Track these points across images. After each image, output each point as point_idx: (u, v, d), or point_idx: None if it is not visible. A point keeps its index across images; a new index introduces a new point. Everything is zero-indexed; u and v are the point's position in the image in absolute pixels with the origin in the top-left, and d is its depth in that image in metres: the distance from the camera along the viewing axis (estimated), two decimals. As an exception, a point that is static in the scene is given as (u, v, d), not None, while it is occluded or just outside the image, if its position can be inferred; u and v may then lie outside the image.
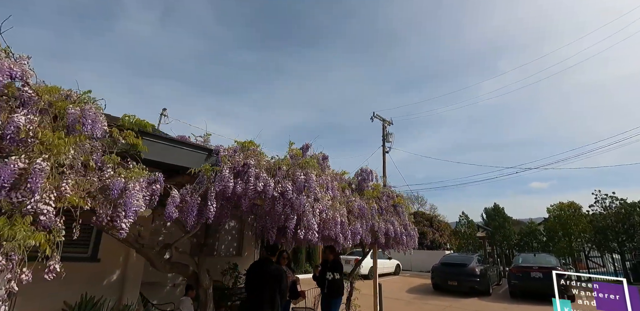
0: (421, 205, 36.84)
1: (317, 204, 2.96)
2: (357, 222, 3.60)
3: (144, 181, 2.30)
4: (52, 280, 3.89)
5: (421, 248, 17.73)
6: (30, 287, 3.65)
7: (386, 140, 25.37)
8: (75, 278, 3.97)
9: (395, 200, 5.33)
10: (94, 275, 4.16)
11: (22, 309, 3.55)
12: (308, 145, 3.88)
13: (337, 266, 5.02)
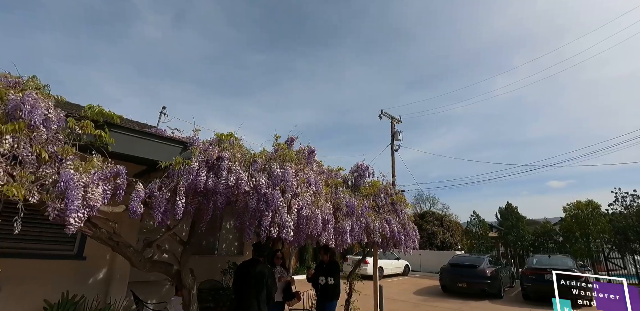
0: (433, 205, 36.16)
1: (295, 200, 2.75)
2: (345, 220, 3.35)
3: (97, 173, 2.12)
4: (37, 277, 3.84)
5: (431, 248, 17.27)
6: (14, 284, 3.63)
7: (395, 138, 24.94)
8: (60, 276, 3.90)
9: (393, 198, 5.05)
10: (80, 273, 4.08)
11: (6, 306, 3.49)
12: (293, 138, 3.67)
13: (333, 269, 4.71)
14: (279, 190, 2.65)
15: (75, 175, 1.97)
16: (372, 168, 5.18)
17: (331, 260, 4.86)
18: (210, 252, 7.68)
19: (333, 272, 4.64)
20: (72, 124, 2.46)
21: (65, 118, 2.53)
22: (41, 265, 3.85)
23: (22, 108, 1.83)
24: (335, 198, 3.48)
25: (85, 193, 2.24)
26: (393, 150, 24.68)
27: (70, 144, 2.53)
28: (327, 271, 4.68)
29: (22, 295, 3.57)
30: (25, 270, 3.74)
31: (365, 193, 4.82)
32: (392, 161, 24.13)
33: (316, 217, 2.79)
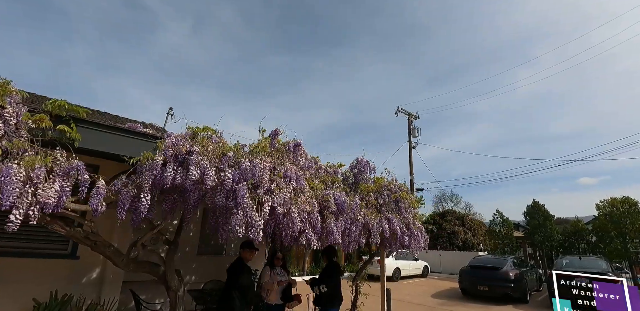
0: (455, 204, 34.84)
1: (269, 197, 2.50)
2: (332, 219, 3.07)
3: (41, 167, 1.99)
4: (31, 276, 3.82)
5: (452, 249, 16.51)
6: (8, 283, 3.64)
7: (412, 135, 24.16)
8: (53, 275, 3.89)
9: (396, 195, 4.69)
10: (73, 272, 4.06)
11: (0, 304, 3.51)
12: (277, 131, 3.44)
13: (327, 275, 4.33)
14: (249, 185, 2.42)
15: (15, 170, 1.83)
16: (372, 164, 4.86)
17: (328, 264, 4.51)
18: (219, 252, 7.60)
19: (326, 279, 4.25)
20: (26, 118, 2.36)
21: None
22: (35, 264, 3.85)
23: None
24: (323, 195, 3.19)
25: (35, 189, 2.15)
26: (410, 147, 23.92)
27: (35, 140, 2.46)
28: (326, 276, 4.36)
29: (15, 294, 3.57)
30: (19, 269, 3.75)
31: (365, 190, 4.51)
32: (409, 159, 23.39)
33: (291, 215, 2.53)
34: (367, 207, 4.34)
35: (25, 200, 2.10)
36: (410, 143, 24.04)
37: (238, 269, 3.64)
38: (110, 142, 2.84)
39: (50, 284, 3.72)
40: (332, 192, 3.29)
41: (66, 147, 2.57)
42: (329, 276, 4.37)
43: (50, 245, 4.06)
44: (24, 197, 2.10)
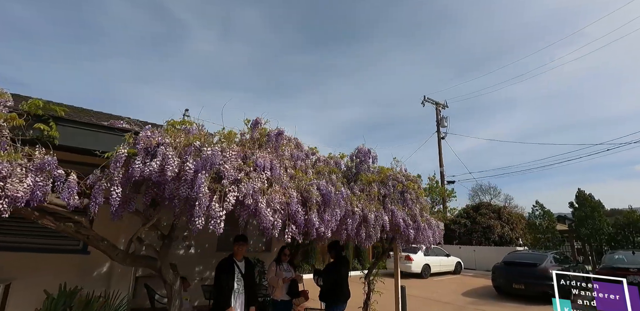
0: (494, 196, 32.74)
1: (233, 187, 2.35)
2: (314, 211, 2.86)
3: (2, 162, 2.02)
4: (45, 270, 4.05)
5: (487, 244, 15.46)
6: (24, 276, 3.89)
7: (441, 124, 23.07)
8: (66, 269, 4.11)
9: (400, 185, 4.36)
10: (84, 266, 4.26)
11: (17, 296, 3.75)
12: (258, 120, 3.28)
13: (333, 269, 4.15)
14: (211, 174, 2.29)
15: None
16: (374, 152, 4.56)
17: (334, 259, 4.32)
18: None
19: (325, 273, 4.12)
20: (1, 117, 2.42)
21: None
22: (49, 259, 4.09)
23: None
24: (306, 185, 2.99)
25: (4, 184, 2.20)
26: (439, 138, 22.81)
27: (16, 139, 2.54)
28: (323, 271, 4.20)
29: (31, 286, 3.80)
30: (35, 263, 4.00)
31: (366, 181, 4.23)
32: (439, 150, 22.31)
33: (258, 207, 2.37)
34: (368, 198, 4.08)
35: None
36: (439, 134, 22.93)
37: (220, 266, 3.55)
38: (87, 139, 2.87)
39: (63, 277, 3.91)
40: (316, 181, 3.07)
41: (46, 144, 2.64)
42: (329, 271, 4.20)
43: (64, 241, 4.29)
44: None
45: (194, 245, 7.55)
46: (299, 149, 4.18)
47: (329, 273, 4.13)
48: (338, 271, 4.20)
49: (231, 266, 3.66)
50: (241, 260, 3.88)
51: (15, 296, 3.73)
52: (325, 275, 4.05)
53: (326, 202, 3.04)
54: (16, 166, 2.34)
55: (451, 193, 18.29)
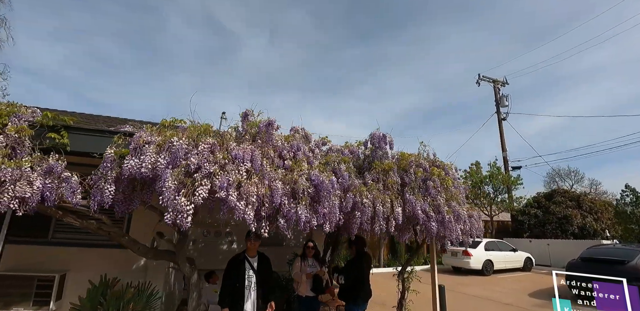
0: (576, 182, 28.31)
1: (206, 180, 2.26)
2: (301, 204, 2.63)
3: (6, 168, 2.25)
4: (92, 263, 4.54)
5: (565, 237, 13.37)
6: (76, 268, 4.42)
7: (500, 104, 20.61)
8: (108, 262, 4.56)
9: (419, 171, 3.88)
10: (124, 259, 4.67)
11: (69, 286, 4.30)
12: (247, 112, 3.16)
13: (354, 267, 3.89)
14: (180, 169, 2.23)
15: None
16: (389, 137, 4.13)
17: (355, 255, 4.06)
18: (279, 243, 7.86)
19: (347, 270, 3.84)
20: (11, 130, 2.70)
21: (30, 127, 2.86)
22: (96, 253, 4.59)
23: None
24: (298, 175, 2.78)
25: (14, 186, 2.45)
26: (500, 119, 20.36)
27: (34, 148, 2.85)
28: (344, 268, 3.93)
29: (81, 276, 4.30)
30: (84, 257, 4.52)
31: (380, 169, 3.86)
32: (500, 132, 19.94)
33: (229, 199, 2.23)
34: (384, 188, 3.70)
35: (6, 196, 2.44)
36: (499, 115, 20.48)
37: (228, 263, 3.53)
38: (93, 143, 3.08)
39: (105, 269, 4.35)
40: (307, 171, 2.83)
41: (59, 151, 2.90)
42: (350, 268, 3.92)
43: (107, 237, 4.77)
44: (5, 193, 2.46)
45: (236, 240, 7.91)
46: (305, 140, 3.99)
47: (350, 270, 3.87)
48: (360, 268, 3.92)
49: (241, 263, 3.64)
50: (254, 256, 3.85)
51: (70, 285, 4.27)
52: (347, 272, 3.81)
53: (319, 194, 2.79)
54: (24, 171, 2.60)
55: (516, 181, 16.22)
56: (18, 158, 2.73)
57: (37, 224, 4.53)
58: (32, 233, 4.47)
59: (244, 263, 3.65)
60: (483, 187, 16.12)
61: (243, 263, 3.63)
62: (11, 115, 2.94)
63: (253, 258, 3.84)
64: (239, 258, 3.70)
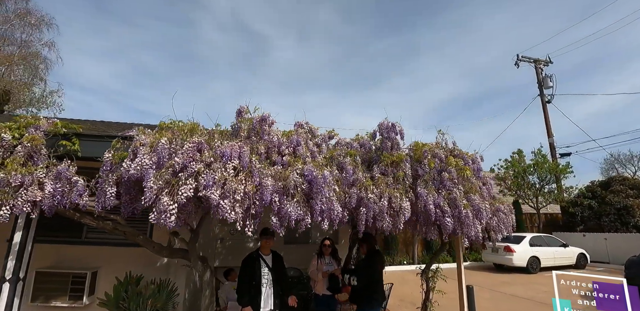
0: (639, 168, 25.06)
1: (192, 179, 2.22)
2: (291, 201, 2.50)
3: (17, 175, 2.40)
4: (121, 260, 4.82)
5: (625, 231, 11.87)
6: (107, 266, 4.72)
7: (544, 85, 18.80)
8: (135, 260, 4.81)
9: (433, 162, 3.57)
10: (149, 258, 4.89)
11: (101, 281, 4.61)
12: (241, 109, 3.08)
13: (361, 265, 3.68)
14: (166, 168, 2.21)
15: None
16: (399, 126, 3.86)
17: (367, 254, 3.81)
18: (305, 241, 7.85)
19: (357, 270, 3.59)
20: (27, 138, 2.88)
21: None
22: (124, 251, 4.85)
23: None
24: (292, 171, 2.65)
25: (26, 191, 2.62)
26: (544, 102, 18.55)
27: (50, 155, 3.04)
28: (355, 268, 3.71)
29: (110, 273, 4.58)
30: (114, 255, 4.81)
31: (389, 161, 3.60)
32: (544, 116, 18.21)
33: (212, 197, 2.17)
34: (394, 182, 3.46)
35: (20, 200, 2.61)
36: (542, 97, 18.68)
37: (243, 262, 3.51)
38: (100, 148, 3.20)
39: (132, 267, 4.59)
40: (300, 166, 2.69)
41: (71, 157, 3.07)
42: (363, 268, 3.66)
43: (133, 236, 5.04)
44: (18, 197, 2.63)
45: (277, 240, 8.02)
46: (310, 134, 3.87)
47: (363, 270, 3.62)
48: (373, 267, 3.67)
49: (256, 261, 3.64)
50: (268, 254, 3.83)
51: (102, 281, 4.56)
52: (360, 272, 3.55)
53: (312, 189, 2.64)
54: (36, 177, 2.77)
55: (565, 169, 14.70)
56: (34, 165, 2.92)
57: (72, 225, 4.90)
58: (67, 234, 4.84)
59: (259, 261, 3.65)
60: (527, 177, 14.83)
61: (258, 261, 3.63)
62: (29, 127, 3.16)
63: (267, 256, 3.82)
64: (253, 256, 3.70)
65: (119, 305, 3.73)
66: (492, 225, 3.87)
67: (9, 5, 14.20)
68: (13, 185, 2.51)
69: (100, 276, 4.61)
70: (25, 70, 15.62)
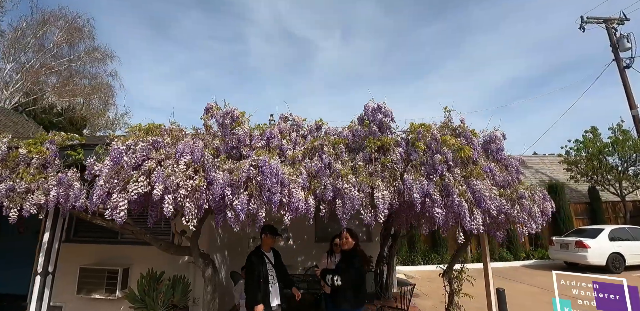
0: None
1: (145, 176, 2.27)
2: (245, 195, 2.39)
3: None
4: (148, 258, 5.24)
5: None
6: (138, 263, 5.19)
7: (620, 48, 15.70)
8: (160, 257, 5.19)
9: (419, 144, 3.18)
10: (173, 256, 5.25)
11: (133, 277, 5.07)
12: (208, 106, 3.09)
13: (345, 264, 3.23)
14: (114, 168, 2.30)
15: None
16: (385, 107, 3.52)
17: (349, 250, 3.35)
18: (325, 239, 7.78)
19: (342, 269, 3.19)
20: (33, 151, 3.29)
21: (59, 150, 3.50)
22: (151, 250, 5.27)
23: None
24: (250, 163, 2.57)
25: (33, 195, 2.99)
26: (621, 67, 15.46)
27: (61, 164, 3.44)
28: (337, 266, 3.34)
29: (139, 270, 5.00)
30: (143, 253, 5.26)
31: (377, 147, 3.29)
32: (623, 84, 15.17)
33: (155, 192, 2.18)
34: (382, 169, 3.16)
35: (27, 203, 2.98)
36: (618, 63, 15.55)
37: (249, 259, 3.51)
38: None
39: (156, 264, 4.96)
40: (255, 158, 2.58)
41: (77, 165, 3.43)
42: (348, 267, 3.19)
43: (160, 236, 5.45)
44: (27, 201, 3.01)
45: (292, 237, 8.07)
46: (295, 126, 3.77)
47: (346, 269, 3.20)
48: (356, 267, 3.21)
49: (261, 258, 3.64)
50: (269, 251, 3.83)
51: (133, 276, 5.02)
52: (343, 271, 3.17)
53: (268, 181, 2.51)
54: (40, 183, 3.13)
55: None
56: (46, 174, 3.32)
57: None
58: (107, 235, 5.45)
59: (264, 259, 3.64)
60: (605, 158, 12.53)
61: (263, 259, 3.63)
62: (45, 142, 3.61)
63: (269, 253, 3.81)
64: (259, 254, 3.68)
65: (136, 298, 4.05)
66: (513, 215, 3.29)
67: (80, 46, 16.85)
68: (18, 191, 2.86)
69: (133, 272, 5.08)
70: (100, 99, 18.34)
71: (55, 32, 15.75)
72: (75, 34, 16.12)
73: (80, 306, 5.00)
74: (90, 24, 16.92)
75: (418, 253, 11.62)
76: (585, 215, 12.95)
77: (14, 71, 14.88)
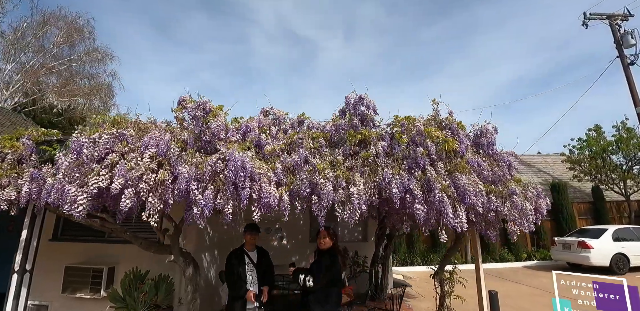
0: None
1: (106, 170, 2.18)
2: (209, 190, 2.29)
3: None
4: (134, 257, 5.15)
5: None
6: (125, 261, 5.11)
7: (623, 44, 15.34)
8: (146, 257, 5.09)
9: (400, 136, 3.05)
10: (158, 256, 5.16)
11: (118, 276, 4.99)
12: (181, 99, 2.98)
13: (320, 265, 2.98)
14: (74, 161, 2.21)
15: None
16: (367, 99, 3.40)
17: (327, 250, 3.10)
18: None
19: (315, 269, 2.96)
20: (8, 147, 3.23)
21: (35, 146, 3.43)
22: (138, 249, 5.20)
23: None
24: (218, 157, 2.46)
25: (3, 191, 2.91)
26: (625, 64, 15.09)
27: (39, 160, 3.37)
28: (312, 266, 3.10)
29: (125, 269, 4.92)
30: (129, 252, 5.18)
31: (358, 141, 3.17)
32: (628, 82, 14.78)
33: (115, 187, 2.09)
34: (363, 164, 3.03)
35: None
36: (622, 59, 15.19)
37: (228, 257, 3.46)
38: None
39: (143, 263, 4.88)
40: (225, 151, 2.47)
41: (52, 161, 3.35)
42: (323, 267, 2.93)
43: (146, 235, 5.36)
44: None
45: (286, 237, 7.95)
46: (276, 121, 3.67)
47: (321, 270, 2.94)
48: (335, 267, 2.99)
49: (239, 257, 3.57)
50: (252, 250, 3.73)
51: (119, 276, 4.94)
52: (318, 272, 2.92)
53: (237, 175, 2.40)
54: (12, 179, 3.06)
55: (664, 145, 11.73)
56: (20, 169, 3.25)
57: (97, 226, 5.46)
58: (93, 233, 5.38)
59: (243, 258, 3.56)
60: (608, 157, 12.24)
61: (242, 258, 3.54)
62: (22, 137, 3.54)
63: (252, 252, 3.72)
64: (237, 253, 3.62)
65: (117, 298, 3.97)
66: (503, 213, 3.14)
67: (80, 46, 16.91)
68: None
69: (119, 272, 5.00)
70: (101, 99, 18.40)
71: (55, 33, 15.84)
72: (75, 34, 16.20)
73: (65, 305, 4.93)
74: (91, 24, 17.01)
75: (417, 253, 11.42)
76: (588, 215, 12.65)
77: (14, 71, 14.97)
